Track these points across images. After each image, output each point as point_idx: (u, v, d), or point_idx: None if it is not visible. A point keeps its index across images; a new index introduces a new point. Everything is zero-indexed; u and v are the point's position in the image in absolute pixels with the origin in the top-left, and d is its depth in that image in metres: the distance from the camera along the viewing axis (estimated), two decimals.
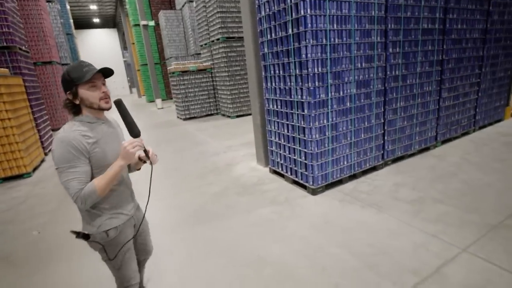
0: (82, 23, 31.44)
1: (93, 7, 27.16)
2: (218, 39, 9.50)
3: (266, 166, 4.79)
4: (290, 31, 3.43)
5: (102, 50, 33.03)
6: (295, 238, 2.82)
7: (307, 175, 3.70)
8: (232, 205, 3.65)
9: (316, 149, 3.56)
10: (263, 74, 4.16)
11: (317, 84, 3.39)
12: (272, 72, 3.95)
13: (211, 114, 11.07)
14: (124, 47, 35.44)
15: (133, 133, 1.52)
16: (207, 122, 9.82)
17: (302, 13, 3.20)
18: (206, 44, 10.74)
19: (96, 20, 31.68)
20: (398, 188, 3.64)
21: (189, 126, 9.40)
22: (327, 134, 3.62)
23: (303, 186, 3.85)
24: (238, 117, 9.86)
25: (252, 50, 4.41)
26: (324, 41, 3.34)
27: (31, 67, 7.98)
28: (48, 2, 12.29)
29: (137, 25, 18.37)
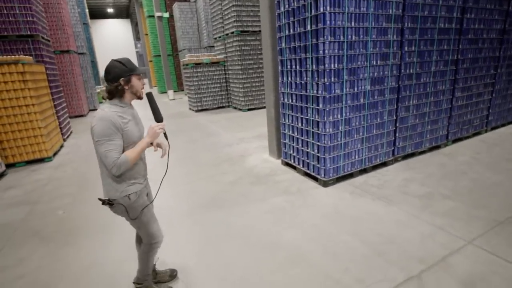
0: (96, 13, 31.78)
1: None
2: (232, 33, 9.60)
3: (278, 158, 4.94)
4: (308, 28, 3.54)
5: (115, 40, 33.39)
6: (307, 226, 2.97)
7: (319, 168, 3.84)
8: (246, 193, 3.81)
9: (329, 142, 3.68)
10: (280, 68, 4.28)
11: (333, 79, 3.50)
12: (288, 66, 4.07)
13: (223, 107, 11.23)
14: (136, 38, 35.74)
15: (158, 118, 1.91)
16: (219, 114, 9.98)
17: (321, 10, 3.30)
18: (220, 37, 10.85)
19: (110, 10, 31.98)
20: (407, 183, 3.75)
21: (201, 118, 9.59)
22: (340, 128, 3.74)
23: (315, 178, 3.99)
24: (250, 110, 10.00)
25: (269, 45, 4.52)
26: (341, 38, 3.44)
27: (52, 56, 8.25)
28: None
29: (151, 16, 18.53)
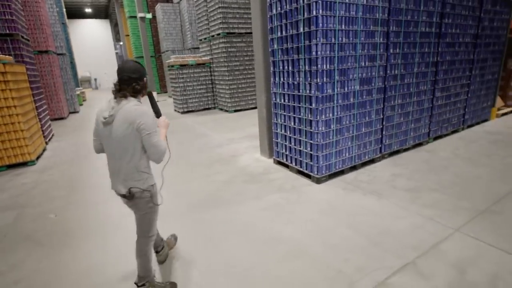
0: (74, 13, 30.78)
1: None
2: (218, 34, 9.64)
3: (270, 157, 5.03)
4: (301, 30, 3.66)
5: (93, 41, 32.47)
6: (305, 221, 3.07)
7: (312, 165, 3.96)
8: (241, 192, 3.88)
9: (321, 140, 3.82)
10: (272, 69, 4.38)
11: (325, 80, 3.64)
12: (281, 67, 4.18)
13: (209, 108, 11.22)
14: (116, 39, 34.91)
15: (158, 114, 2.09)
16: (206, 115, 9.97)
17: (314, 13, 3.43)
18: (205, 38, 10.85)
19: (88, 10, 31.07)
20: (395, 178, 3.95)
21: (188, 119, 9.54)
22: (332, 127, 3.88)
23: (308, 176, 4.11)
24: (236, 111, 10.06)
25: (260, 47, 4.62)
26: (333, 40, 3.59)
27: (32, 56, 7.97)
28: None
29: (133, 17, 18.20)
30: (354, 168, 4.31)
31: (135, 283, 2.14)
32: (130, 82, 1.84)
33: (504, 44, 6.39)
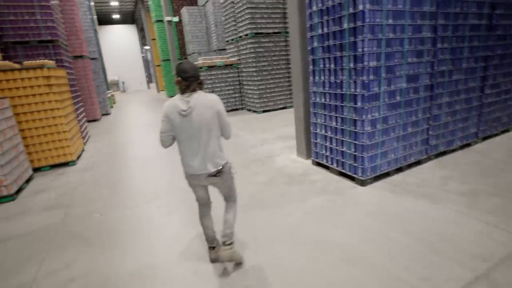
0: (102, 19, 32.07)
1: (114, 3, 27.68)
2: (246, 35, 9.62)
3: (307, 158, 4.91)
4: (345, 26, 3.52)
5: (121, 46, 33.65)
6: (355, 225, 2.93)
7: (356, 167, 3.80)
8: (283, 193, 3.78)
9: (367, 141, 3.65)
10: (311, 68, 4.26)
11: (371, 77, 3.48)
12: (321, 65, 4.05)
13: (237, 109, 11.23)
14: (142, 43, 35.99)
15: None
16: (234, 116, 9.98)
17: (360, 7, 3.28)
18: (233, 39, 10.88)
19: (115, 16, 32.28)
20: (447, 181, 3.70)
21: None
22: (378, 126, 3.70)
23: (351, 178, 3.95)
24: (265, 112, 9.99)
25: (298, 45, 4.51)
26: (379, 35, 3.42)
27: (70, 60, 8.32)
28: None
29: (159, 21, 18.65)
30: (399, 170, 4.10)
31: (224, 243, 2.37)
32: (196, 78, 2.13)
33: None
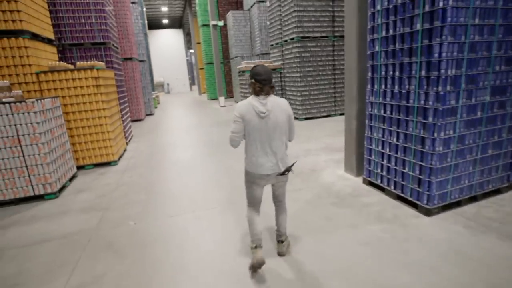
0: (153, 24, 33.82)
1: (164, 9, 29.01)
2: (292, 39, 9.25)
3: (358, 175, 4.38)
4: (418, 27, 2.99)
5: (168, 49, 35.16)
6: (425, 269, 2.39)
7: (421, 192, 3.22)
8: (331, 216, 3.32)
9: (437, 163, 3.06)
10: (370, 75, 3.76)
11: (448, 88, 2.90)
12: (383, 73, 3.54)
13: None
14: (187, 47, 37.32)
15: None
16: None
17: (440, 5, 2.74)
18: (277, 43, 10.58)
19: (165, 21, 33.85)
20: None
21: None
22: (452, 147, 3.10)
23: (412, 204, 3.37)
24: (307, 119, 9.50)
25: (355, 49, 4.04)
26: (463, 38, 2.85)
27: (120, 62, 8.59)
28: (132, 3, 13.27)
29: (205, 25, 19.04)
30: (474, 199, 3.42)
31: (281, 241, 2.66)
32: (269, 82, 2.21)
33: None
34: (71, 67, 5.69)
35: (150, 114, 14.44)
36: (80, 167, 5.87)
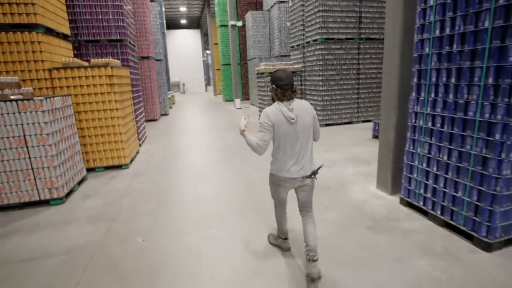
0: (171, 24, 33.95)
1: (183, 9, 29.03)
2: (315, 40, 8.78)
3: (393, 194, 3.87)
4: (486, 24, 2.49)
5: (185, 49, 35.22)
6: None
7: (479, 222, 2.70)
8: (367, 244, 2.84)
9: (503, 189, 2.54)
10: (415, 81, 3.27)
11: None
12: (433, 79, 3.04)
13: None
14: (204, 48, 37.30)
15: None
16: None
17: None
18: (298, 45, 10.12)
19: (183, 21, 33.93)
20: None
21: None
22: None
23: (465, 234, 2.85)
24: (327, 126, 8.99)
25: (397, 50, 3.55)
26: None
27: (136, 61, 8.34)
28: (151, 1, 13.12)
29: (223, 25, 18.78)
30: None
31: (313, 259, 2.25)
32: (291, 86, 2.18)
33: None
34: (86, 64, 5.43)
35: (165, 114, 14.23)
36: (90, 169, 5.59)
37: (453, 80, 2.83)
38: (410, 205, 3.54)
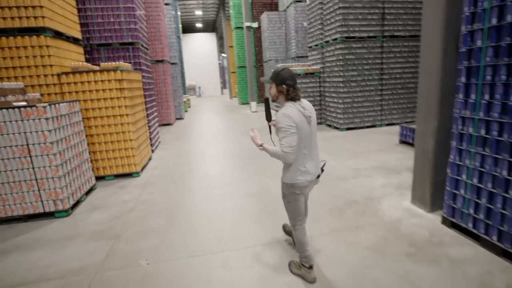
0: (187, 28, 34.15)
1: (198, 13, 29.10)
2: (335, 39, 8.29)
3: (432, 211, 3.36)
4: None
5: (201, 53, 35.28)
6: None
7: None
8: (409, 279, 2.36)
9: None
10: (462, 80, 2.76)
11: None
12: (488, 77, 2.53)
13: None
14: (220, 51, 37.30)
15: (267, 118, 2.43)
16: None
17: None
18: (316, 45, 9.65)
19: (198, 25, 34.05)
20: None
21: None
22: None
23: None
24: (349, 129, 8.45)
25: (439, 45, 3.05)
26: None
27: (149, 64, 8.13)
28: (166, 4, 13.02)
29: (238, 28, 18.53)
30: None
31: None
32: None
33: None
34: (96, 68, 5.20)
35: (180, 118, 14.07)
36: (100, 178, 5.36)
37: None
38: (455, 226, 3.01)
